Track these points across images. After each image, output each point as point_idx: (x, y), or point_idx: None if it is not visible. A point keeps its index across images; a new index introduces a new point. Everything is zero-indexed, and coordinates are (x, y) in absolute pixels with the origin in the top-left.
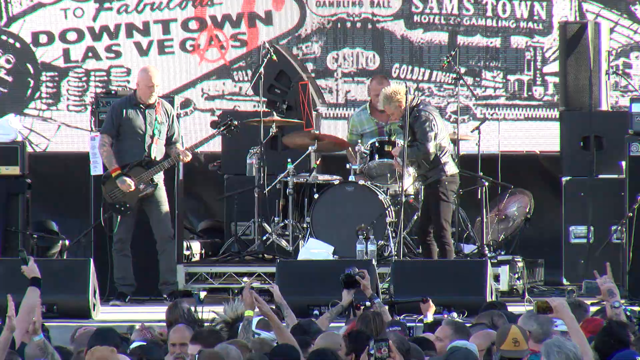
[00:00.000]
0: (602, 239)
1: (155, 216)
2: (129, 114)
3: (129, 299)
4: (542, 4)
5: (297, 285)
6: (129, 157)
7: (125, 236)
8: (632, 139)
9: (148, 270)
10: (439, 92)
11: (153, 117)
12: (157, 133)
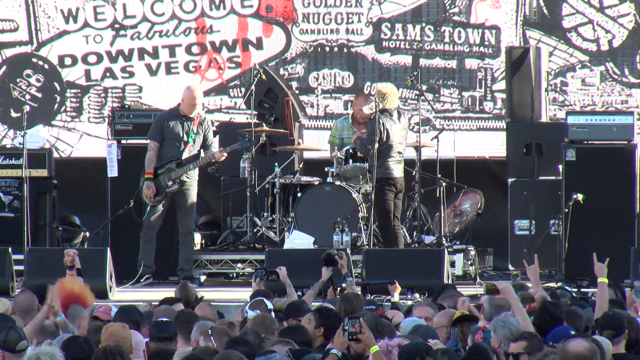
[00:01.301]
0: (542, 231)
1: (182, 212)
2: (171, 124)
3: (146, 279)
4: (492, 31)
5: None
6: (166, 158)
7: (152, 224)
8: (567, 146)
9: (167, 256)
10: (404, 107)
11: (190, 128)
12: (190, 141)
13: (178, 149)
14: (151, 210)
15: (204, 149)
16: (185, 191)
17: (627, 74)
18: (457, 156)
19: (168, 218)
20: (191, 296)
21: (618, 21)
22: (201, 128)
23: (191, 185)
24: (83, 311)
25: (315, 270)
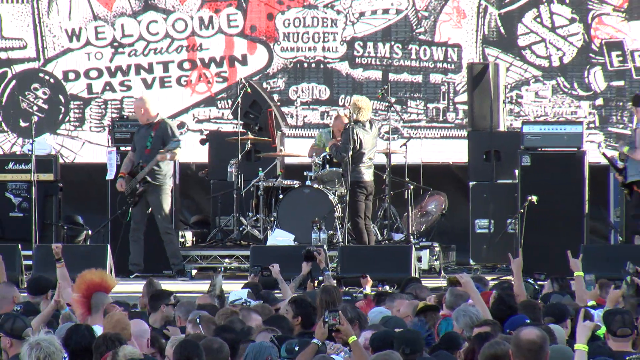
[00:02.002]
0: (500, 229)
1: (156, 213)
2: (139, 133)
3: (135, 276)
4: (454, 49)
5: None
6: (135, 164)
7: (136, 225)
8: (523, 153)
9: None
10: (375, 117)
11: (149, 134)
12: (149, 145)
13: (142, 155)
14: (133, 212)
15: (163, 151)
16: (153, 194)
17: (577, 87)
18: (424, 162)
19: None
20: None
21: (568, 40)
22: (159, 132)
23: (158, 187)
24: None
25: (295, 265)
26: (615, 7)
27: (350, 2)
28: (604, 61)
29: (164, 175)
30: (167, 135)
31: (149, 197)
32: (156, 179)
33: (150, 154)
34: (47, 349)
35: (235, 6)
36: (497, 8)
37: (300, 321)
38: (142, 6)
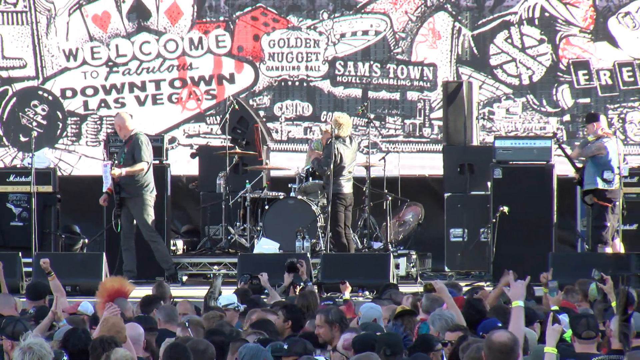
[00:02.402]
0: (473, 238)
1: (139, 224)
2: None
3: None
4: (430, 68)
5: (253, 272)
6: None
7: (125, 234)
8: (495, 166)
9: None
10: (355, 132)
11: (123, 150)
12: (122, 161)
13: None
14: (121, 223)
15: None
16: (134, 204)
17: (545, 104)
18: (401, 174)
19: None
20: (166, 293)
21: (537, 59)
22: (130, 148)
23: (136, 198)
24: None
25: (280, 272)
26: (581, 29)
27: (332, 24)
28: (571, 80)
29: (141, 186)
30: (137, 150)
31: (131, 209)
32: (131, 191)
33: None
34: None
35: (224, 28)
36: (470, 30)
37: (290, 325)
38: (136, 28)
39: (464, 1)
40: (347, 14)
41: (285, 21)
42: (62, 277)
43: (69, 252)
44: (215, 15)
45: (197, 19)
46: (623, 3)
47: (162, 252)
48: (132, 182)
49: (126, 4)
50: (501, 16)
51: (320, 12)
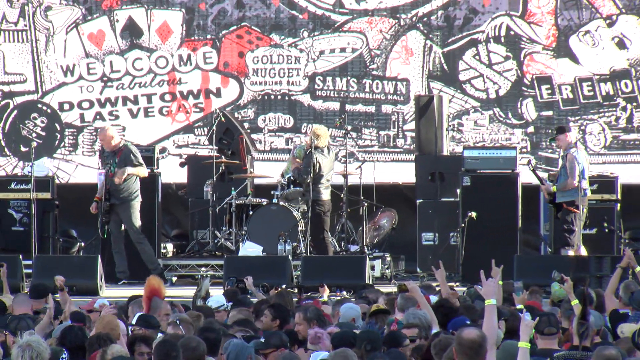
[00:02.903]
0: (444, 242)
1: (127, 228)
2: (107, 160)
3: (123, 282)
4: (403, 83)
5: (238, 274)
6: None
7: (115, 239)
8: (464, 174)
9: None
10: (333, 143)
11: (114, 159)
12: (113, 170)
13: (107, 178)
14: (110, 228)
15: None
16: (122, 210)
17: (510, 117)
18: (376, 182)
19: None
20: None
21: (503, 75)
22: (122, 157)
23: (125, 204)
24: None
25: (263, 273)
26: (544, 46)
27: (312, 41)
28: (534, 94)
29: (130, 193)
30: (129, 159)
31: (120, 214)
32: (121, 197)
33: (113, 178)
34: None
35: (210, 45)
36: (440, 47)
37: (278, 323)
38: (128, 45)
39: (435, 20)
40: (326, 32)
41: (268, 39)
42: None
43: (67, 255)
44: (203, 33)
45: (186, 37)
46: (583, 22)
47: (148, 254)
48: (124, 189)
49: (120, 23)
50: (470, 34)
51: (301, 31)
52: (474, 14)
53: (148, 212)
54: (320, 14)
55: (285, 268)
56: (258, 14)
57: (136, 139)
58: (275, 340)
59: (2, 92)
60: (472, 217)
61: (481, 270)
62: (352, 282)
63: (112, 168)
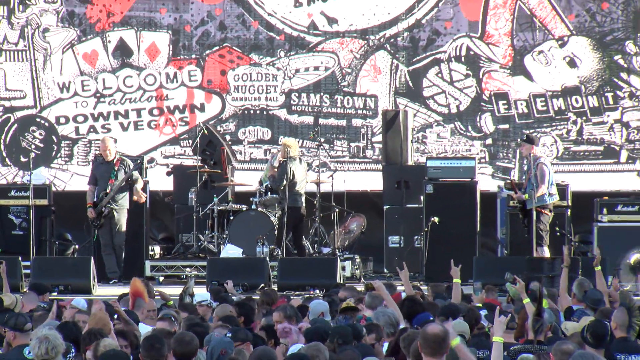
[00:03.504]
0: (409, 244)
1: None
2: (100, 169)
3: (114, 282)
4: (372, 98)
5: (220, 274)
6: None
7: (105, 242)
8: (427, 183)
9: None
10: (308, 154)
11: (112, 168)
12: (113, 177)
13: (107, 185)
14: (100, 232)
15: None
16: (114, 217)
17: (470, 130)
18: (347, 190)
19: (131, 231)
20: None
21: (464, 91)
22: (122, 166)
23: (119, 212)
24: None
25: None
26: (501, 65)
27: (288, 60)
28: (492, 109)
29: (126, 201)
30: (128, 168)
31: (116, 219)
32: (121, 204)
33: (113, 184)
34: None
35: (195, 64)
36: (406, 66)
37: (242, 320)
38: (120, 64)
39: (401, 41)
40: (301, 52)
41: (248, 58)
42: (56, 278)
43: (62, 257)
44: (188, 53)
45: (172, 57)
46: (537, 43)
47: (120, 259)
48: (124, 197)
49: (111, 43)
50: (433, 54)
51: (278, 51)
52: (436, 35)
53: (137, 217)
54: (295, 35)
55: (263, 269)
56: (238, 36)
57: (127, 150)
58: (241, 335)
59: (3, 107)
60: (434, 222)
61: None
62: (324, 281)
63: (112, 176)
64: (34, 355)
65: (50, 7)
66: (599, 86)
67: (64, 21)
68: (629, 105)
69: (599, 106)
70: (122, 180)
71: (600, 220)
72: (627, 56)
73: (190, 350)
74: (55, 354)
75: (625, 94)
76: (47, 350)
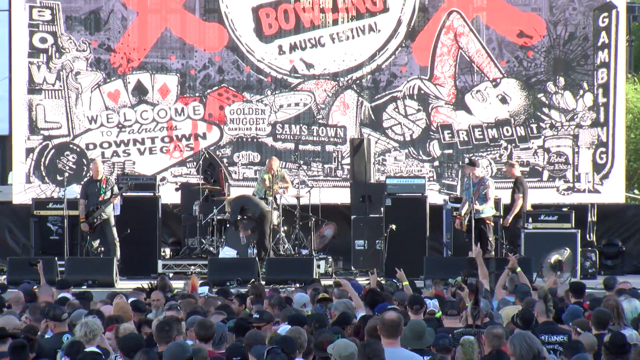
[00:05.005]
0: (372, 247)
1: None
2: (90, 186)
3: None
4: (341, 128)
5: (219, 271)
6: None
7: (105, 247)
8: (386, 197)
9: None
10: (289, 173)
11: (100, 186)
12: (102, 193)
13: (96, 199)
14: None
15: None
16: (105, 222)
17: (421, 154)
18: (321, 203)
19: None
20: (167, 284)
21: (416, 123)
22: (108, 184)
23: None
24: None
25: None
26: (446, 102)
27: (274, 98)
28: (439, 137)
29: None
30: (114, 186)
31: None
32: (107, 213)
33: (102, 199)
34: (92, 326)
35: (198, 101)
36: (369, 102)
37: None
38: (137, 101)
39: (365, 82)
40: (284, 91)
41: (241, 96)
42: (85, 274)
43: (90, 257)
44: (193, 92)
45: (180, 95)
46: (475, 84)
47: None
48: (110, 206)
49: (131, 84)
50: (391, 93)
51: (266, 90)
52: (394, 77)
53: (151, 225)
54: (280, 77)
55: (253, 267)
56: (234, 78)
57: (143, 170)
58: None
59: (43, 136)
60: (392, 229)
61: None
62: (303, 277)
63: (102, 192)
64: (77, 336)
65: (81, 55)
66: (525, 119)
67: (92, 66)
68: (550, 134)
69: (525, 135)
70: (112, 197)
71: (527, 228)
72: (548, 94)
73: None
74: (93, 337)
75: (546, 125)
76: (85, 333)
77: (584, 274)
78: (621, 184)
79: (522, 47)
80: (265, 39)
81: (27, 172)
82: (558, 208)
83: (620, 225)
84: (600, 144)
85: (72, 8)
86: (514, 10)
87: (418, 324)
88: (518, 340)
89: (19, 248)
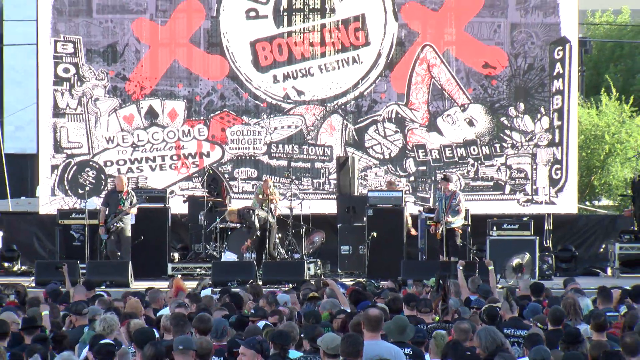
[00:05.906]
0: (356, 251)
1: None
2: (112, 196)
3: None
4: (328, 148)
5: (222, 273)
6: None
7: (111, 249)
8: (368, 208)
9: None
10: (283, 187)
11: (121, 197)
12: (122, 203)
13: (115, 208)
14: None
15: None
16: (122, 231)
17: (398, 170)
18: (312, 213)
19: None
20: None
21: (394, 143)
22: (128, 196)
23: (125, 224)
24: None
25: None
26: (421, 124)
27: (269, 121)
28: (414, 155)
29: (127, 219)
30: (133, 199)
31: (123, 233)
32: (124, 222)
33: (121, 209)
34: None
35: (203, 123)
36: (353, 125)
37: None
38: (149, 123)
39: (349, 107)
40: (278, 115)
41: (240, 120)
42: (104, 275)
43: (108, 260)
44: (198, 115)
45: (187, 118)
46: (446, 109)
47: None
48: (128, 217)
49: (143, 108)
50: (372, 117)
51: (262, 114)
52: (374, 103)
53: (161, 232)
54: (274, 103)
55: (251, 269)
56: (234, 103)
57: (154, 184)
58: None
59: (66, 154)
60: (373, 236)
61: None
62: (295, 278)
63: (122, 203)
64: (97, 330)
65: (99, 83)
66: (490, 139)
67: (109, 93)
68: (511, 153)
69: (490, 153)
70: (128, 208)
71: (492, 235)
72: (510, 118)
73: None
74: (110, 331)
75: (508, 145)
76: (104, 327)
77: (542, 275)
78: (574, 196)
79: (487, 76)
80: (261, 70)
81: (52, 186)
82: (519, 218)
83: (574, 233)
84: (556, 162)
85: (91, 42)
86: (480, 45)
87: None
88: (483, 334)
89: (45, 253)
